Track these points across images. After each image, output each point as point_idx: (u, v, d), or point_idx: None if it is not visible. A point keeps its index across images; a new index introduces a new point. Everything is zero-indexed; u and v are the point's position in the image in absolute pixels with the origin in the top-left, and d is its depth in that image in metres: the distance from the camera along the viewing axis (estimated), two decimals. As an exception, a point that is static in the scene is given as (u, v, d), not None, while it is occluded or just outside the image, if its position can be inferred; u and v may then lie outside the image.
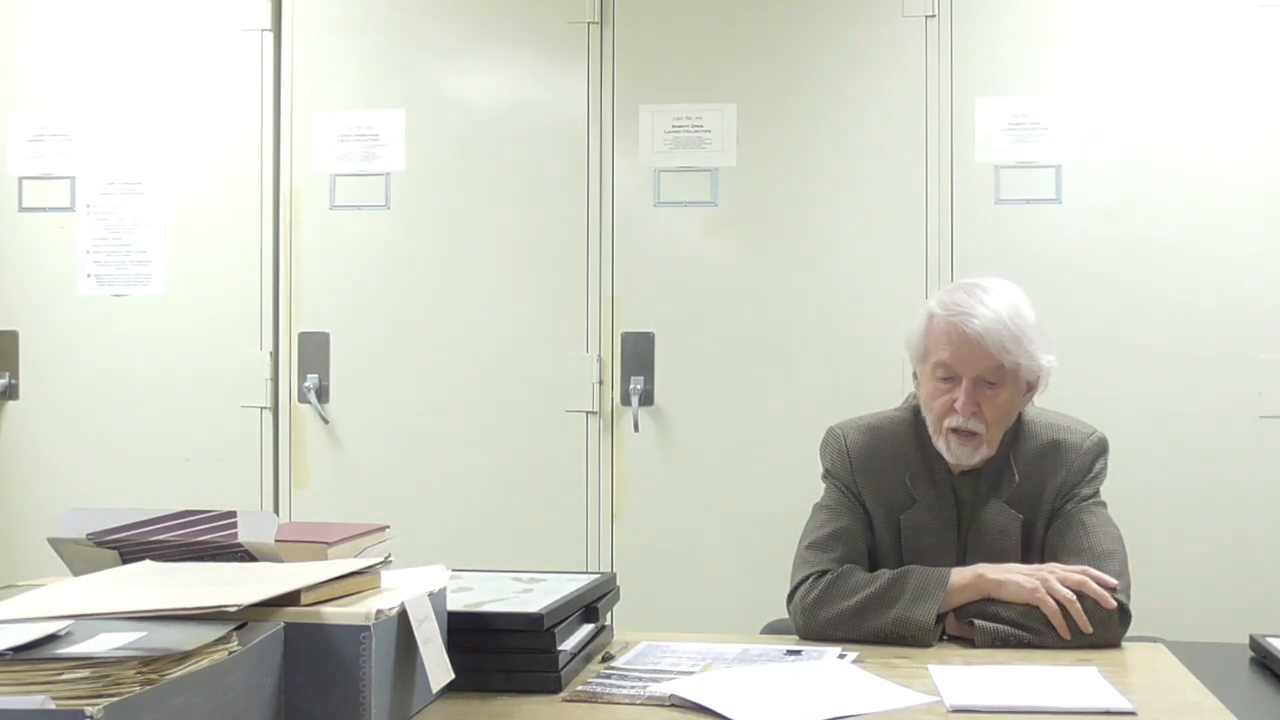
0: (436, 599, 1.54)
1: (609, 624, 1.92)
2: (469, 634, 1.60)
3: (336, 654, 1.35)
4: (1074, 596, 1.89)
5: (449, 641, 1.55)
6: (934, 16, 3.17)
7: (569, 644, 1.68)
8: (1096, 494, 2.10)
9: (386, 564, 1.58)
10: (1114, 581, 1.92)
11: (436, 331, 3.32)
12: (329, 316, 3.36)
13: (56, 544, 1.68)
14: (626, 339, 3.26)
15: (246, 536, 1.63)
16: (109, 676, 1.08)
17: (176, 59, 3.42)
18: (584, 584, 1.82)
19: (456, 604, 1.64)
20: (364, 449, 3.34)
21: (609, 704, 1.57)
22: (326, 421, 3.34)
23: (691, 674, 1.68)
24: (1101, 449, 2.12)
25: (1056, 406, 2.20)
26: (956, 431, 2.05)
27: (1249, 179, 3.09)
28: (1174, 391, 3.08)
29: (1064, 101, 3.14)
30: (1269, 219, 3.08)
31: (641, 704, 1.57)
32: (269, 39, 3.39)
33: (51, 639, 1.16)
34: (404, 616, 1.44)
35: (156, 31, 3.43)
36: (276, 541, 1.63)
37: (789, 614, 2.04)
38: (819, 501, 2.17)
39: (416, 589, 1.50)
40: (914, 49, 3.18)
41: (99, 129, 3.44)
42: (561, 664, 1.63)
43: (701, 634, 1.99)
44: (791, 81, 3.23)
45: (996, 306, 2.02)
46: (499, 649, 1.62)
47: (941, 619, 1.94)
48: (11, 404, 3.45)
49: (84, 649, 1.13)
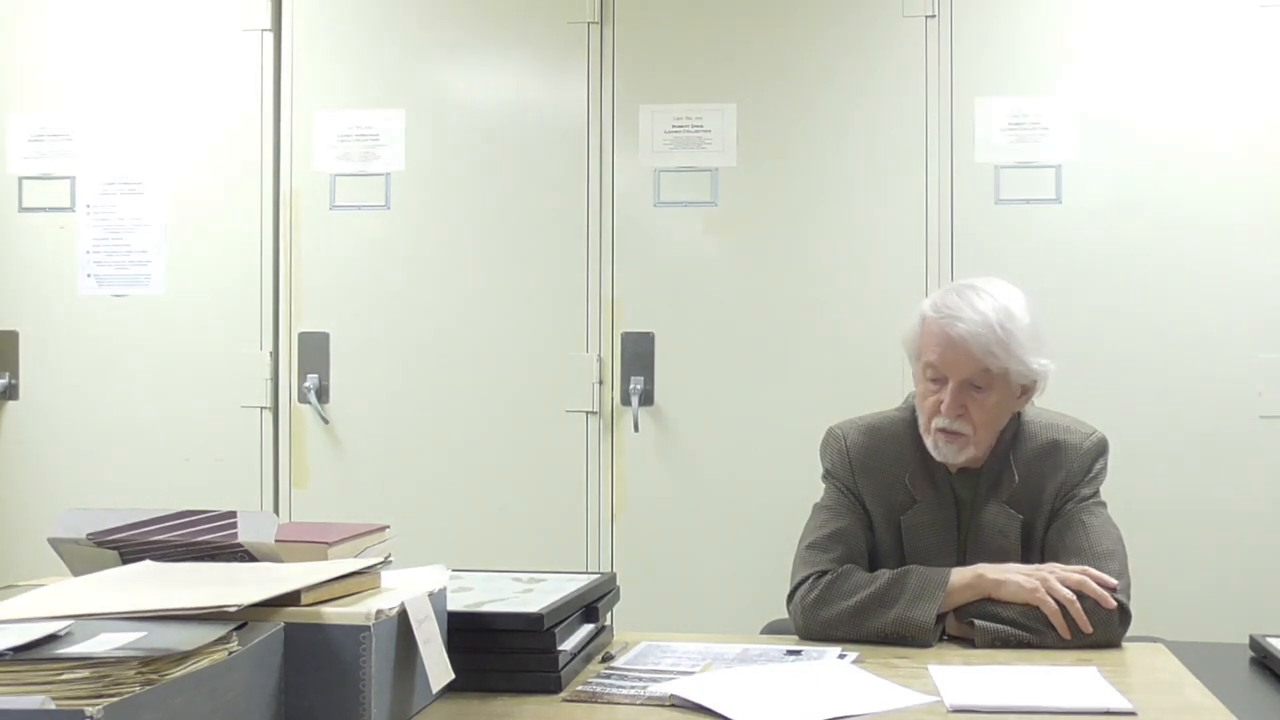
0: (436, 599, 1.54)
1: (609, 624, 1.92)
2: (469, 634, 1.60)
3: (336, 654, 1.35)
4: (1074, 596, 1.89)
5: (449, 641, 1.55)
6: (934, 16, 3.17)
7: (569, 644, 1.68)
8: (1096, 494, 2.10)
9: (386, 564, 1.58)
10: (1114, 581, 1.92)
11: (436, 331, 3.32)
12: (329, 316, 3.36)
13: (56, 544, 1.68)
14: (626, 339, 3.26)
15: (246, 536, 1.63)
16: (109, 676, 1.08)
17: (176, 59, 3.42)
18: (584, 584, 1.82)
19: (456, 604, 1.64)
20: (364, 449, 3.34)
21: (609, 704, 1.57)
22: (326, 421, 3.34)
23: (691, 674, 1.68)
24: (1101, 449, 2.12)
25: (1056, 406, 2.20)
26: (943, 431, 2.05)
27: (1249, 179, 3.09)
28: (1174, 391, 3.08)
29: (1064, 101, 3.14)
30: (1269, 219, 3.08)
31: (641, 704, 1.57)
32: (269, 39, 3.39)
33: (51, 639, 1.16)
34: (404, 616, 1.44)
35: (156, 31, 3.43)
36: (276, 541, 1.63)
37: (789, 614, 2.04)
38: (819, 501, 2.17)
39: (416, 589, 1.50)
40: (914, 49, 3.18)
41: (99, 129, 3.44)
42: (561, 664, 1.63)
43: (701, 634, 1.99)
44: (791, 81, 3.23)
45: (985, 310, 2.01)
46: (499, 649, 1.62)
47: (941, 619, 1.94)
48: (11, 404, 3.45)
49: (84, 649, 1.13)
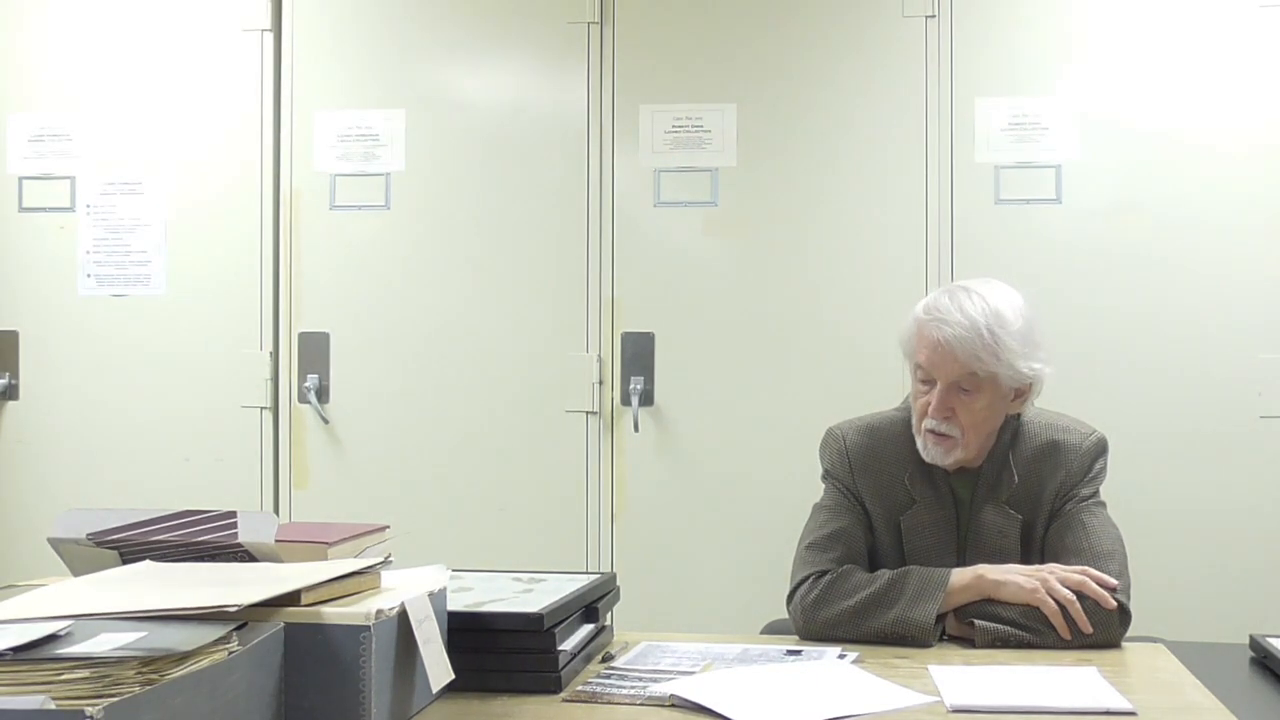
0: (436, 599, 1.54)
1: (609, 624, 1.92)
2: (469, 634, 1.60)
3: (336, 654, 1.35)
4: (1074, 597, 1.89)
5: (449, 641, 1.55)
6: (934, 16, 3.17)
7: (569, 644, 1.68)
8: (1096, 494, 2.10)
9: (386, 564, 1.58)
10: (1114, 582, 1.92)
11: (436, 331, 3.32)
12: (329, 316, 3.36)
13: (56, 544, 1.68)
14: (626, 339, 3.26)
15: (246, 536, 1.63)
16: (109, 676, 1.08)
17: (176, 59, 3.42)
18: (584, 584, 1.82)
19: (456, 604, 1.64)
20: (364, 449, 3.34)
21: (609, 704, 1.57)
22: (326, 421, 3.34)
23: (691, 674, 1.68)
24: (1101, 449, 2.12)
25: (1056, 406, 2.20)
26: (932, 433, 2.05)
27: (1249, 179, 3.08)
28: (1174, 391, 3.08)
29: (1064, 101, 3.14)
30: (1269, 219, 3.08)
31: (641, 704, 1.57)
32: (269, 39, 3.39)
33: (51, 639, 1.16)
34: (404, 616, 1.44)
35: (156, 31, 3.43)
36: (276, 541, 1.63)
37: (789, 614, 2.04)
38: (819, 502, 2.17)
39: (416, 589, 1.50)
40: (914, 49, 3.18)
41: (99, 129, 3.44)
42: (561, 664, 1.63)
43: (701, 634, 1.99)
44: (791, 81, 3.23)
45: (973, 314, 2.00)
46: (499, 649, 1.62)
47: (941, 619, 1.94)
48: (11, 404, 3.44)
49: (84, 649, 1.13)
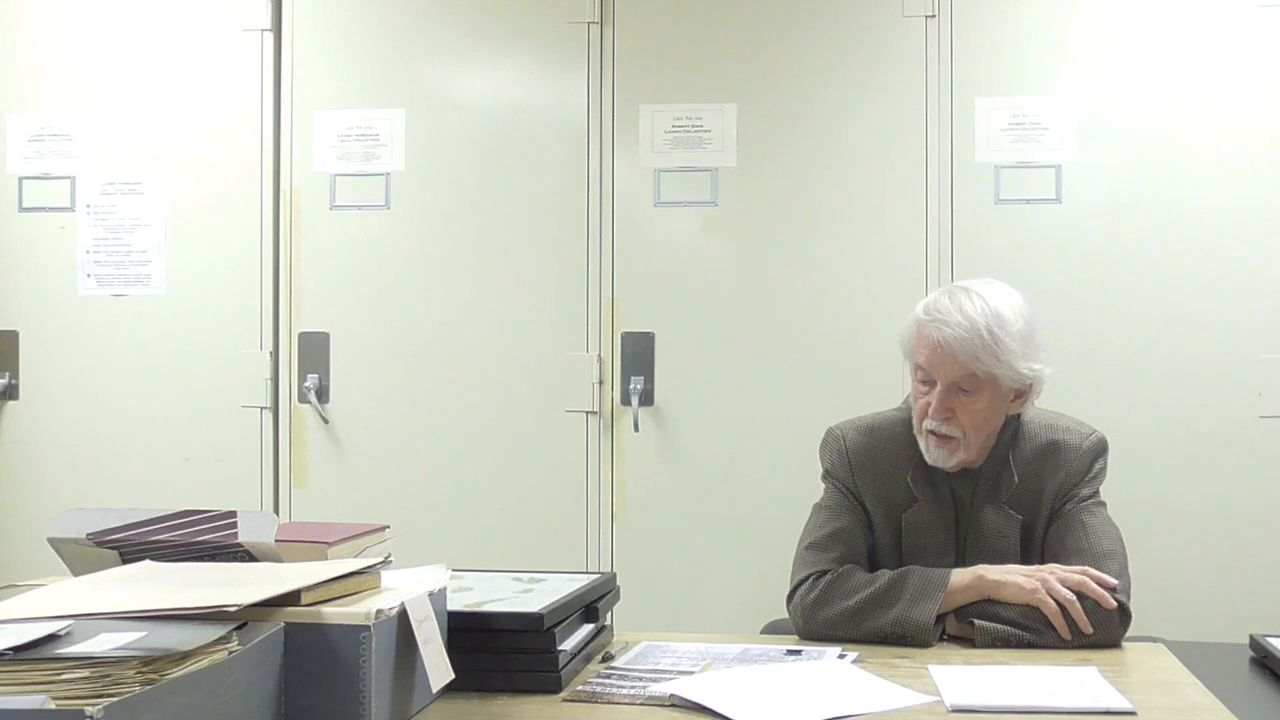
0: (436, 599, 1.54)
1: (609, 624, 1.92)
2: (469, 634, 1.60)
3: (336, 654, 1.35)
4: (1074, 597, 1.89)
5: (449, 641, 1.55)
6: (934, 16, 3.17)
7: (569, 644, 1.68)
8: (1096, 494, 2.10)
9: (386, 564, 1.58)
10: (1114, 582, 1.92)
11: (436, 331, 3.32)
12: (329, 316, 3.36)
13: (56, 544, 1.68)
14: (626, 339, 3.26)
15: (246, 536, 1.63)
16: (109, 676, 1.08)
17: (176, 59, 3.42)
18: (584, 584, 1.82)
19: (457, 604, 1.64)
20: (364, 449, 3.34)
21: (609, 704, 1.57)
22: (326, 421, 3.34)
23: (691, 674, 1.68)
24: (1101, 449, 2.12)
25: (1056, 406, 2.20)
26: (933, 434, 2.05)
27: (1249, 179, 3.08)
28: (1174, 391, 3.08)
29: (1064, 101, 3.14)
30: (1269, 219, 3.08)
31: (641, 704, 1.57)
32: (269, 39, 3.39)
33: (51, 639, 1.16)
34: (404, 616, 1.43)
35: (156, 31, 3.43)
36: (276, 541, 1.63)
37: (789, 614, 2.04)
38: (819, 502, 2.17)
39: (416, 589, 1.50)
40: (914, 49, 3.18)
41: (99, 129, 3.44)
42: (561, 664, 1.63)
43: (701, 634, 2.00)
44: (791, 81, 3.23)
45: (973, 315, 2.00)
46: (499, 649, 1.62)
47: (941, 619, 1.94)
48: (11, 404, 3.44)
49: (84, 649, 1.13)
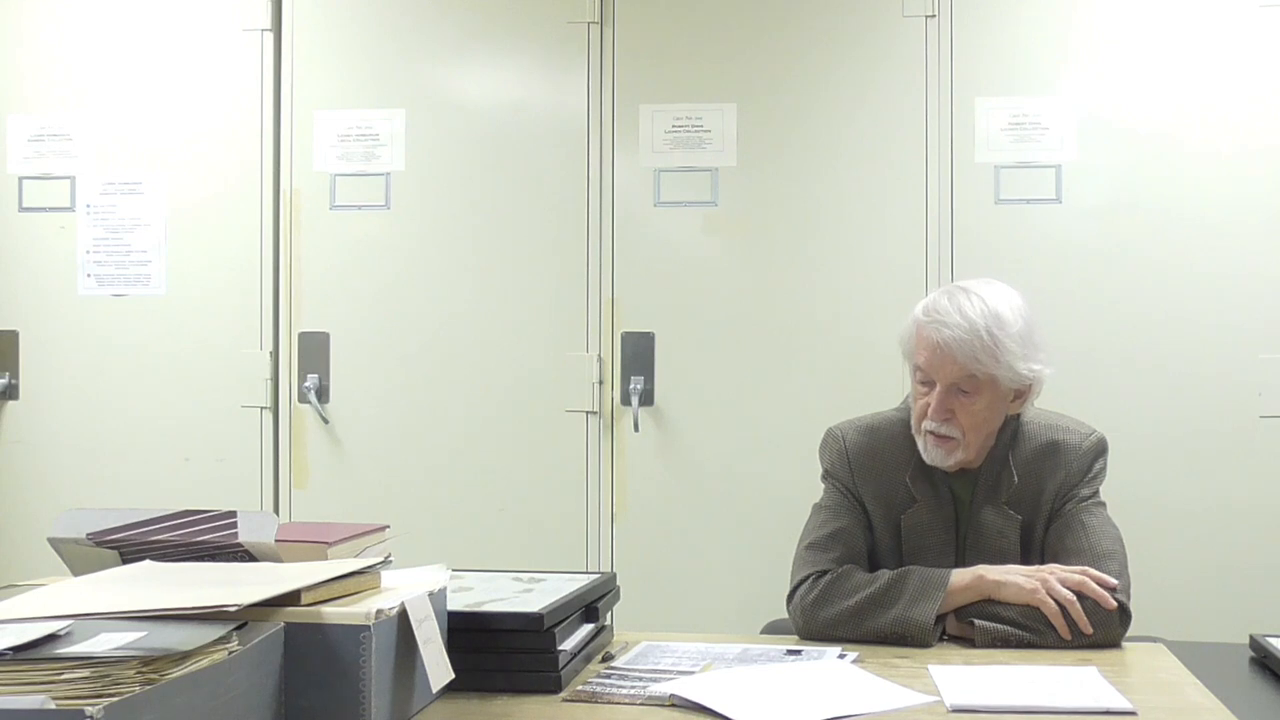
0: (436, 599, 1.54)
1: (609, 624, 1.92)
2: (469, 634, 1.60)
3: (336, 654, 1.35)
4: (1074, 597, 1.89)
5: (449, 641, 1.55)
6: (934, 16, 3.17)
7: (569, 644, 1.68)
8: (1096, 494, 2.10)
9: (386, 564, 1.58)
10: (1114, 582, 1.92)
11: (436, 331, 3.32)
12: (329, 316, 3.36)
13: (56, 544, 1.68)
14: (626, 339, 3.26)
15: (246, 536, 1.63)
16: (109, 676, 1.08)
17: (176, 59, 3.42)
18: (584, 584, 1.82)
19: (456, 604, 1.64)
20: (364, 449, 3.34)
21: (609, 704, 1.57)
22: (326, 421, 3.34)
23: (691, 674, 1.68)
24: (1100, 449, 2.12)
25: (1056, 406, 2.20)
26: (932, 434, 2.05)
27: (1249, 178, 3.08)
28: (1174, 391, 3.08)
29: (1064, 101, 3.14)
30: (1269, 219, 3.08)
31: (641, 704, 1.57)
32: (269, 39, 3.39)
33: (51, 639, 1.16)
34: (404, 616, 1.43)
35: (156, 31, 3.43)
36: (276, 541, 1.63)
37: (789, 614, 2.04)
38: (818, 502, 2.17)
39: (416, 589, 1.50)
40: (914, 49, 3.18)
41: (99, 129, 3.44)
42: (561, 664, 1.63)
43: (701, 634, 1.99)
44: (791, 81, 3.23)
45: (973, 316, 2.00)
46: (499, 649, 1.62)
47: (941, 619, 1.94)
48: (11, 404, 3.44)
49: (84, 649, 1.13)
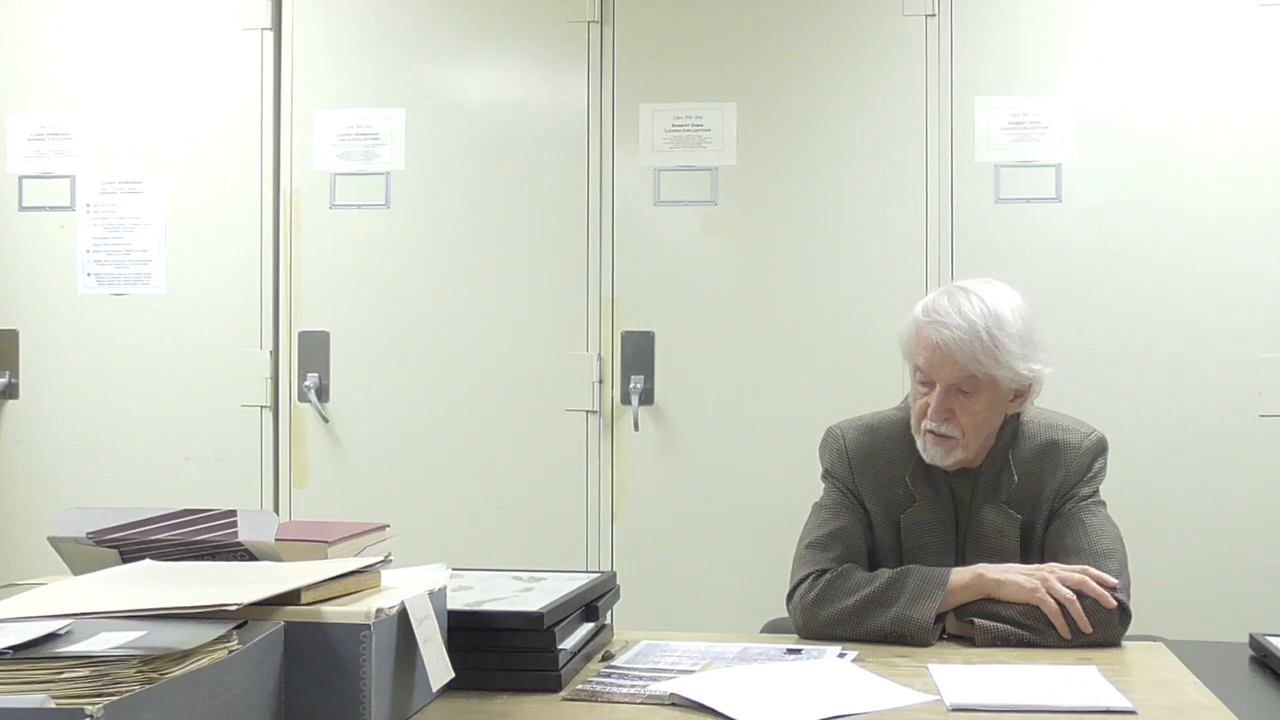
0: (436, 598, 1.54)
1: (609, 623, 1.92)
2: (469, 633, 1.60)
3: (336, 653, 1.35)
4: (1074, 596, 1.89)
5: (449, 640, 1.55)
6: (934, 16, 3.17)
7: (569, 643, 1.68)
8: (1096, 493, 2.10)
9: (386, 563, 1.58)
10: (1114, 581, 1.92)
11: (436, 330, 3.32)
12: (329, 315, 3.36)
13: (56, 543, 1.68)
14: (626, 338, 3.26)
15: (246, 536, 1.63)
16: (109, 675, 1.08)
17: (176, 58, 3.42)
18: (584, 583, 1.82)
19: (456, 603, 1.64)
20: (364, 448, 3.34)
21: (609, 703, 1.57)
22: (326, 421, 3.34)
23: (691, 673, 1.68)
24: (1100, 448, 2.12)
25: (1056, 406, 2.20)
26: (932, 434, 2.05)
27: (1249, 178, 3.08)
28: (1174, 391, 3.08)
29: (1064, 101, 3.14)
30: (1269, 218, 3.08)
31: (641, 703, 1.57)
32: (269, 38, 3.39)
33: (51, 638, 1.16)
34: (404, 615, 1.43)
35: (156, 31, 3.43)
36: (276, 541, 1.63)
37: (789, 613, 2.04)
38: (818, 501, 2.17)
39: (416, 588, 1.50)
40: (914, 48, 3.18)
41: (99, 129, 3.44)
42: (561, 663, 1.63)
43: (701, 633, 2.00)
44: (791, 81, 3.23)
45: (972, 316, 2.00)
46: (499, 648, 1.62)
47: (941, 618, 1.94)
48: (11, 403, 3.44)
49: (84, 648, 1.13)
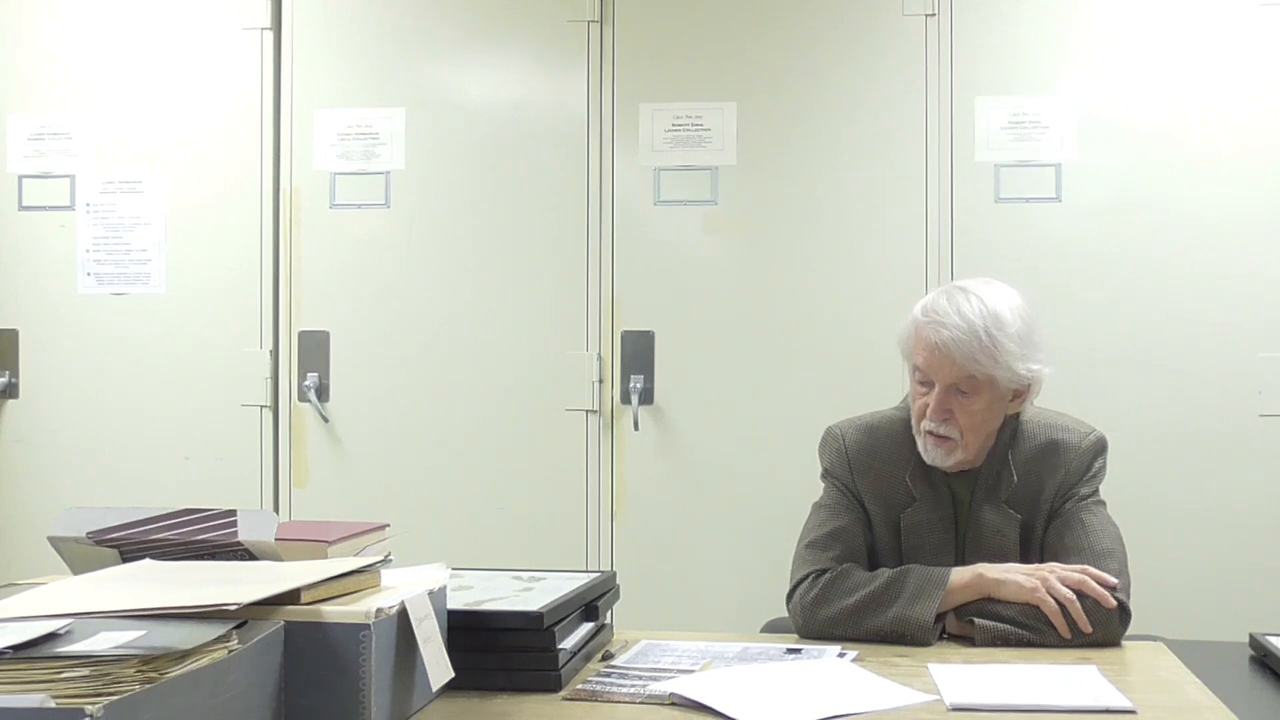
0: (436, 598, 1.54)
1: (609, 623, 1.92)
2: (469, 633, 1.60)
3: (336, 653, 1.35)
4: (1074, 596, 1.89)
5: (449, 640, 1.55)
6: (934, 15, 3.17)
7: (569, 643, 1.68)
8: (1095, 493, 2.10)
9: (386, 563, 1.58)
10: (1114, 580, 1.92)
11: (436, 330, 3.32)
12: (329, 315, 3.36)
13: (57, 543, 1.68)
14: (626, 337, 3.26)
15: (246, 535, 1.63)
16: (109, 675, 1.08)
17: (176, 58, 3.42)
18: (584, 583, 1.82)
19: (456, 602, 1.64)
20: (364, 448, 3.34)
21: (609, 703, 1.57)
22: (326, 420, 3.34)
23: (691, 672, 1.68)
24: (1100, 448, 2.12)
25: (1056, 406, 2.20)
26: (931, 434, 2.05)
27: (1249, 178, 3.08)
28: (1174, 390, 3.08)
29: (1064, 101, 3.14)
30: (1269, 218, 3.08)
31: (641, 702, 1.57)
32: (269, 37, 3.39)
33: (51, 637, 1.16)
34: (404, 615, 1.43)
35: (156, 30, 3.43)
36: (276, 540, 1.63)
37: (788, 613, 2.04)
38: (818, 501, 2.17)
39: (416, 588, 1.50)
40: (914, 48, 3.18)
41: (99, 128, 3.44)
42: (561, 663, 1.63)
43: (701, 632, 2.00)
44: (791, 81, 3.23)
45: (971, 317, 1.99)
46: (499, 648, 1.62)
47: (941, 618, 1.94)
48: (11, 403, 3.44)
49: (84, 647, 1.13)
